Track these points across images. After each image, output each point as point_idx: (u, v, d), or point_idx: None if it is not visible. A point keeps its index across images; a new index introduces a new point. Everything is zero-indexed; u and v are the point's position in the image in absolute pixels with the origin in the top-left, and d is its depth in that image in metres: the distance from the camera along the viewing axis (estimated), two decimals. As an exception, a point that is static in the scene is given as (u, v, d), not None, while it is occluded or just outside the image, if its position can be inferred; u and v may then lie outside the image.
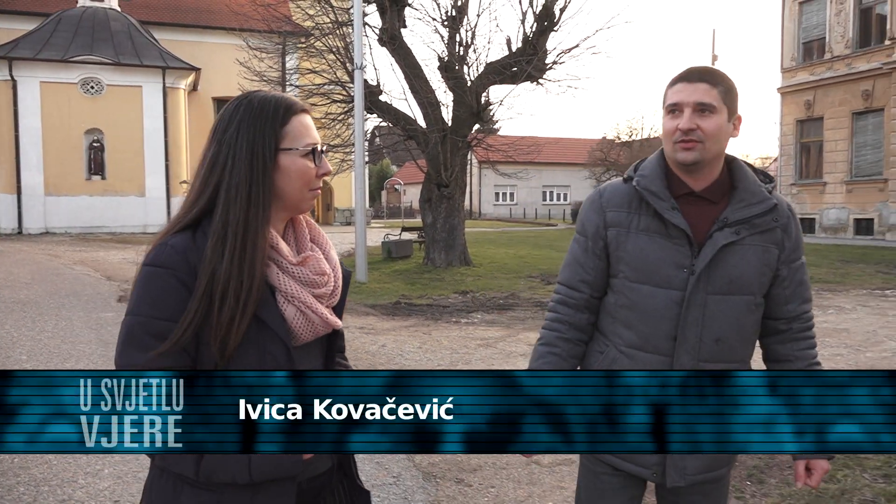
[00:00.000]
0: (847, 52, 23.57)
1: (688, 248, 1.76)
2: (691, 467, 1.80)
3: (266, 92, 1.48)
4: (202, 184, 1.42)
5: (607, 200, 1.87)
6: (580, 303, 1.89)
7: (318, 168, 1.45)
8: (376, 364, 6.72)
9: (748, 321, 1.83)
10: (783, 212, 1.82)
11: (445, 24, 15.58)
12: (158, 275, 1.34)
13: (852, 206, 23.57)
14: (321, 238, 1.56)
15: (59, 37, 26.07)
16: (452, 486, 3.86)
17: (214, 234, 1.36)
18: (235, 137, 1.40)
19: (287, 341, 1.38)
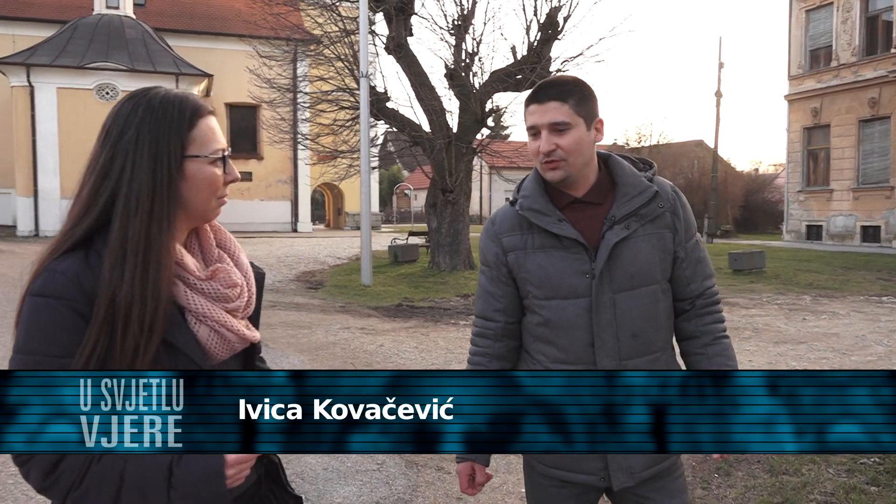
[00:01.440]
0: (854, 59, 23.66)
1: (585, 254, 1.78)
2: (637, 465, 1.80)
3: (167, 90, 1.36)
4: (91, 194, 1.28)
5: (499, 227, 1.89)
6: (497, 332, 1.89)
7: (226, 175, 1.36)
8: (373, 363, 6.99)
9: (659, 309, 1.85)
10: (667, 196, 1.85)
11: (451, 32, 15.88)
12: (49, 306, 1.21)
13: (859, 213, 23.61)
14: (228, 242, 1.46)
15: (75, 44, 26.63)
16: (433, 472, 4.13)
17: (112, 252, 1.23)
18: (135, 142, 1.27)
19: (201, 363, 1.31)
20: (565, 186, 1.82)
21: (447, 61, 15.76)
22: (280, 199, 32.56)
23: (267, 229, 31.05)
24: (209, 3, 32.71)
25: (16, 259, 16.81)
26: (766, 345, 8.03)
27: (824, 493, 4.06)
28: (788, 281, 14.16)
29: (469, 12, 15.75)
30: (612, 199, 1.82)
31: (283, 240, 25.42)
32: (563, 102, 1.76)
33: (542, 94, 1.78)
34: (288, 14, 16.97)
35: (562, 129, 1.76)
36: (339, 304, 11.22)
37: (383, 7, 15.68)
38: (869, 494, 4.02)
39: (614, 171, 1.85)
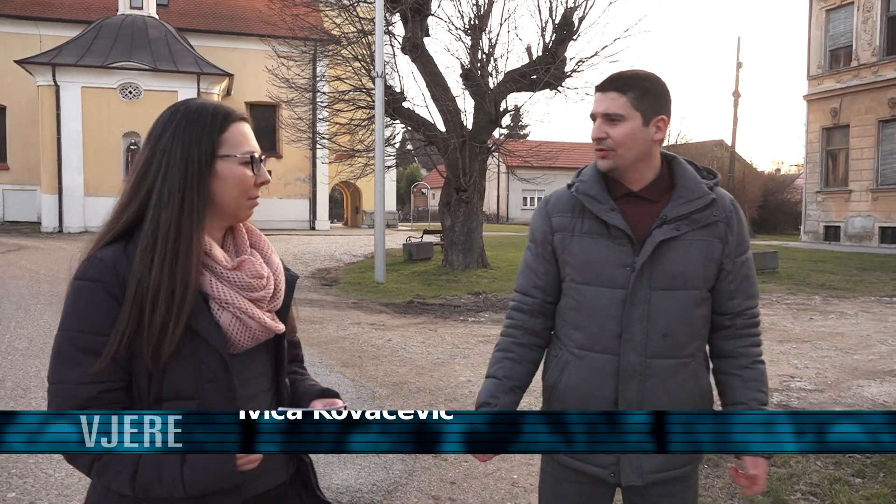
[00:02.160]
0: (874, 59, 23.47)
1: (629, 248, 1.79)
2: (647, 466, 1.81)
3: (204, 99, 1.48)
4: (133, 189, 1.41)
5: (552, 207, 1.92)
6: (533, 308, 1.92)
7: (255, 176, 1.45)
8: (380, 357, 7.20)
9: (695, 315, 1.84)
10: (724, 206, 1.85)
11: (468, 32, 16.03)
12: (87, 288, 1.33)
13: (878, 214, 23.43)
14: (262, 243, 1.55)
15: (99, 44, 27.12)
16: (430, 459, 4.31)
17: (144, 240, 1.34)
18: (171, 143, 1.39)
19: (221, 350, 1.36)
20: (621, 178, 1.86)
21: (463, 61, 15.92)
22: (298, 197, 32.91)
23: (285, 227, 31.41)
24: (231, 3, 33.13)
25: (39, 255, 17.24)
26: (770, 343, 8.11)
27: (809, 485, 4.18)
28: (801, 281, 14.16)
29: (485, 13, 15.89)
30: (668, 200, 1.84)
31: (300, 237, 25.74)
32: (622, 94, 1.80)
33: (606, 84, 1.84)
34: (307, 14, 17.21)
35: (614, 120, 1.80)
36: (352, 300, 11.44)
37: (400, 8, 15.87)
38: (853, 486, 4.13)
39: (675, 172, 1.88)
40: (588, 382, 1.82)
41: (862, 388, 6.21)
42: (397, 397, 5.70)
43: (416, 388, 6.01)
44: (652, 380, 1.80)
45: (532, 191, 48.99)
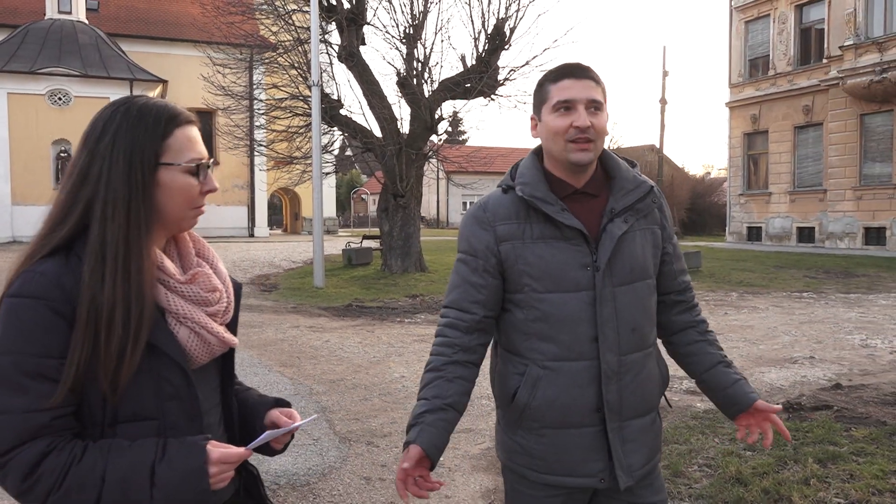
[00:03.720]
0: (789, 69, 24.86)
1: (585, 247, 1.73)
2: (636, 463, 1.78)
3: (147, 98, 1.35)
4: (70, 198, 1.29)
5: (493, 214, 1.78)
6: (471, 325, 1.79)
7: (201, 185, 1.35)
8: (318, 357, 7.47)
9: (650, 304, 1.84)
10: (657, 193, 1.85)
11: (403, 41, 16.39)
12: (28, 306, 1.20)
13: (795, 215, 24.79)
14: (207, 251, 1.48)
15: (26, 49, 26.45)
16: (363, 447, 4.64)
17: (91, 255, 1.24)
18: (111, 148, 1.28)
19: (184, 365, 1.29)
20: (574, 173, 1.78)
21: (399, 70, 16.27)
22: (236, 203, 32.67)
23: (224, 234, 31.14)
24: (164, 8, 32.69)
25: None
26: (686, 336, 8.69)
27: (706, 458, 4.65)
28: (721, 279, 14.99)
29: (420, 22, 16.29)
30: (608, 193, 1.80)
31: (239, 244, 25.61)
32: (598, 84, 1.75)
33: (578, 71, 1.75)
34: (242, 22, 17.28)
35: (598, 109, 1.73)
36: (291, 305, 11.63)
37: (335, 17, 16.12)
38: (743, 457, 4.63)
39: (609, 164, 1.83)
40: (567, 393, 1.74)
41: (763, 374, 6.79)
42: (333, 393, 6.00)
43: (351, 384, 6.32)
44: (627, 376, 1.76)
45: (471, 195, 49.57)
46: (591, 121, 1.70)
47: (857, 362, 7.30)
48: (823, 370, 6.94)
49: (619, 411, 1.76)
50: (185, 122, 1.34)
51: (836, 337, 8.63)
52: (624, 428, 1.77)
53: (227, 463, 1.25)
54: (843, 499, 3.92)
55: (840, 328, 9.23)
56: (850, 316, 10.24)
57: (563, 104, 1.72)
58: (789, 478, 4.18)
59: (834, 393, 6.11)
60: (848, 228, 22.57)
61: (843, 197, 22.74)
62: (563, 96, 1.72)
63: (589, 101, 1.71)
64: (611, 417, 1.74)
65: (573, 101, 1.71)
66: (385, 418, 5.29)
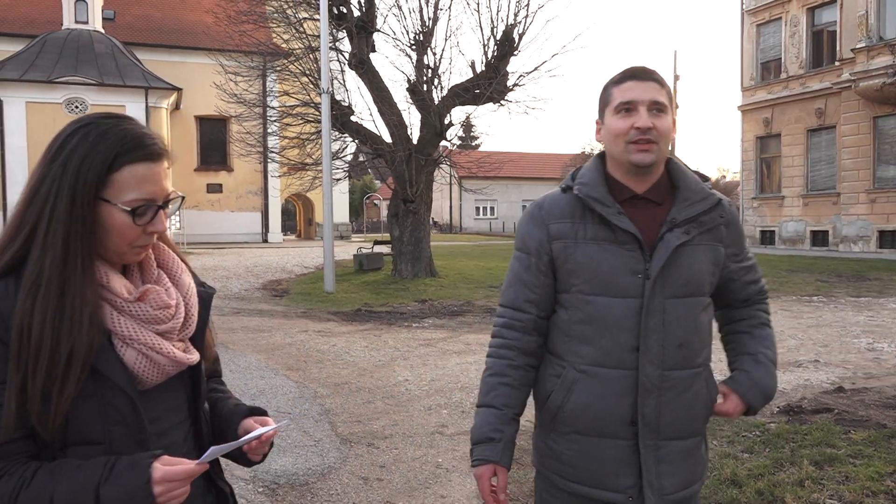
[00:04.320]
0: (801, 72, 24.77)
1: (639, 253, 1.69)
2: (669, 486, 1.72)
3: (114, 123, 1.27)
4: (18, 219, 1.26)
5: (548, 213, 1.78)
6: (528, 325, 1.77)
7: (142, 227, 1.27)
8: (324, 361, 7.57)
9: (704, 322, 1.78)
10: (727, 208, 1.80)
11: (413, 47, 16.53)
12: None
13: (809, 218, 24.66)
14: (170, 261, 1.41)
15: (44, 58, 26.89)
16: (363, 448, 4.72)
17: (27, 282, 1.20)
18: (60, 172, 1.23)
19: (128, 390, 1.24)
20: (636, 176, 1.75)
21: (409, 76, 16.41)
22: (250, 210, 32.96)
23: (238, 240, 31.43)
24: (179, 17, 33.12)
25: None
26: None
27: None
28: (731, 283, 14.94)
29: (430, 29, 16.42)
30: (672, 202, 1.75)
31: (253, 250, 25.83)
32: (662, 86, 1.74)
33: (641, 73, 1.74)
34: (254, 31, 17.50)
35: (660, 111, 1.71)
36: (300, 309, 11.76)
37: (345, 25, 16.29)
38: (739, 459, 4.66)
39: (675, 173, 1.80)
40: (602, 401, 1.70)
41: (766, 377, 6.81)
42: (337, 396, 6.10)
43: (356, 387, 6.41)
44: (669, 393, 1.71)
45: (484, 200, 49.74)
46: (653, 122, 1.69)
47: (862, 366, 7.29)
48: (827, 374, 6.95)
49: (657, 428, 1.70)
50: (139, 158, 1.25)
51: (842, 341, 8.62)
52: (661, 447, 1.71)
53: (175, 480, 1.19)
54: (837, 500, 3.95)
55: (847, 332, 9.21)
56: (858, 320, 10.21)
57: (625, 105, 1.71)
58: (784, 479, 4.21)
59: (836, 396, 6.13)
60: (862, 232, 22.42)
61: (857, 200, 22.60)
62: (625, 97, 1.71)
63: (651, 102, 1.70)
64: (645, 433, 1.70)
65: (635, 102, 1.70)
66: (387, 420, 5.38)
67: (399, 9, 16.69)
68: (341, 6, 16.28)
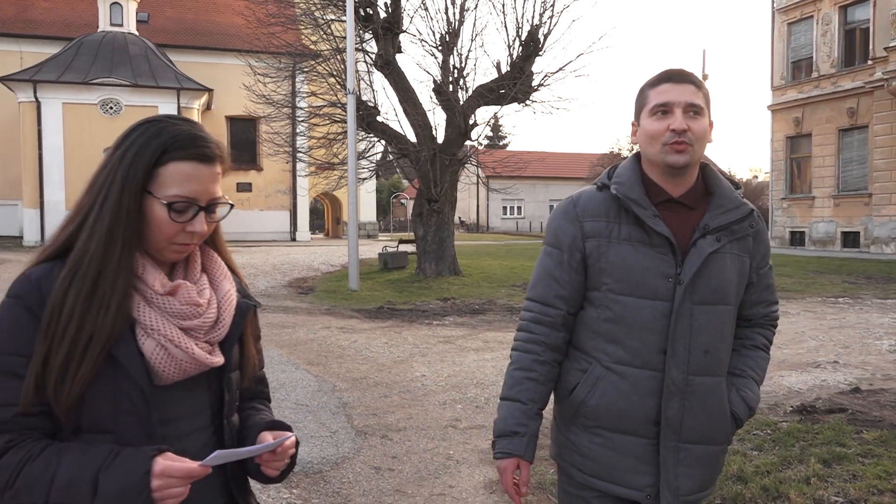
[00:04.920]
0: (833, 71, 24.42)
1: (671, 257, 1.70)
2: (684, 487, 1.74)
3: (176, 123, 1.33)
4: (77, 206, 1.33)
5: (583, 210, 1.78)
6: (556, 320, 1.78)
7: (182, 224, 1.30)
8: (344, 356, 7.75)
9: (729, 331, 1.79)
10: (757, 218, 1.79)
11: (439, 48, 16.67)
12: (9, 306, 1.25)
13: (840, 219, 24.30)
14: (214, 266, 1.43)
15: (80, 60, 27.56)
16: (377, 439, 4.88)
17: (68, 265, 1.26)
18: (118, 163, 1.29)
19: (141, 382, 1.25)
20: (672, 178, 1.75)
21: (435, 76, 16.56)
22: (279, 208, 33.40)
23: (266, 238, 31.86)
24: (210, 19, 33.68)
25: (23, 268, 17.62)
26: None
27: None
28: (757, 284, 14.83)
29: (455, 30, 16.55)
30: (705, 208, 1.76)
31: (280, 248, 26.20)
32: (699, 89, 1.73)
33: (677, 76, 1.74)
34: (283, 33, 17.78)
35: (696, 113, 1.70)
36: (325, 306, 11.97)
37: (372, 26, 16.49)
38: (748, 456, 4.71)
39: (711, 180, 1.80)
40: (627, 399, 1.72)
41: (782, 378, 6.82)
42: (355, 390, 6.26)
43: (374, 382, 6.57)
44: (692, 398, 1.72)
45: (511, 200, 49.74)
46: (688, 124, 1.69)
47: (881, 367, 7.26)
48: (845, 375, 6.94)
49: (679, 431, 1.72)
50: (186, 156, 1.29)
51: (864, 342, 8.56)
52: (682, 450, 1.73)
53: (174, 477, 1.18)
54: (843, 498, 3.98)
55: (870, 333, 9.14)
56: (882, 321, 10.11)
57: (661, 107, 1.71)
58: (791, 476, 4.25)
59: (852, 397, 6.12)
60: (894, 233, 22.04)
61: (889, 201, 22.23)
62: (660, 99, 1.71)
63: (687, 104, 1.69)
64: (667, 434, 1.72)
65: (670, 105, 1.70)
66: (402, 414, 5.53)
67: (425, 10, 16.87)
68: (368, 8, 16.49)
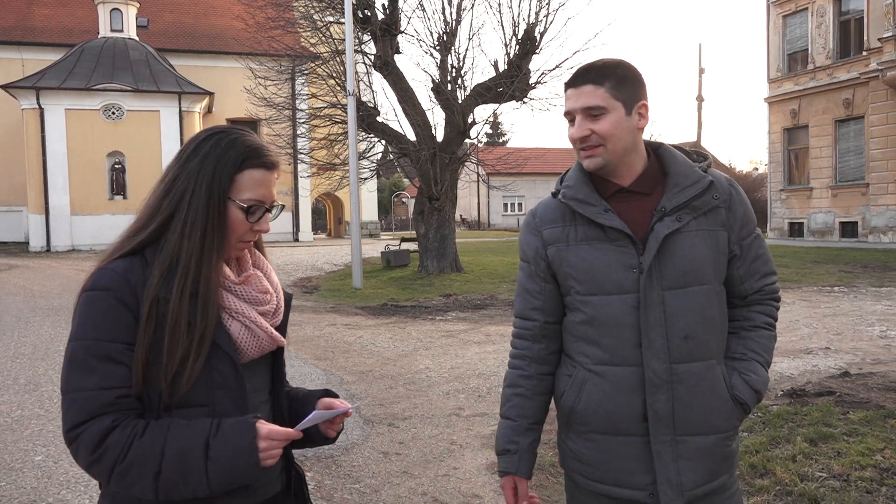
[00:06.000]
0: (828, 62, 24.58)
1: (632, 248, 1.68)
2: (688, 481, 1.68)
3: (241, 133, 1.47)
4: (155, 206, 1.43)
5: (540, 219, 1.80)
6: (535, 332, 1.80)
7: (252, 224, 1.45)
8: (350, 351, 7.99)
9: (714, 312, 1.73)
10: (722, 188, 1.73)
11: (437, 48, 16.89)
12: (99, 298, 1.34)
13: (837, 209, 24.48)
14: (262, 263, 1.59)
15: (82, 66, 27.82)
16: (384, 427, 5.12)
17: (164, 262, 1.37)
18: (198, 170, 1.41)
19: (234, 357, 1.39)
20: (609, 175, 1.75)
21: (433, 76, 16.78)
22: (281, 209, 33.61)
23: (269, 239, 32.05)
24: (209, 22, 33.93)
25: (30, 273, 17.88)
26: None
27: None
28: (754, 275, 15.04)
29: (453, 30, 16.76)
30: (662, 190, 1.73)
31: (284, 249, 26.47)
32: (599, 86, 1.69)
33: (579, 78, 1.72)
34: (282, 36, 18.00)
35: (596, 114, 1.68)
36: (329, 305, 12.22)
37: (370, 28, 16.71)
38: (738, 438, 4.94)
39: (665, 160, 1.77)
40: (612, 399, 1.70)
41: (775, 364, 7.04)
42: (362, 382, 6.51)
43: (379, 375, 6.81)
44: (680, 387, 1.67)
45: (512, 197, 49.92)
46: (590, 127, 1.68)
47: (871, 352, 7.48)
48: (836, 360, 7.16)
49: (671, 423, 1.67)
50: (257, 165, 1.44)
51: (856, 329, 8.79)
52: (679, 443, 1.68)
53: (275, 440, 1.34)
54: (826, 473, 4.19)
55: (863, 320, 9.37)
56: (875, 309, 10.34)
57: (567, 115, 1.74)
58: (778, 455, 4.45)
59: (840, 380, 6.34)
60: (891, 222, 22.23)
61: (886, 190, 22.41)
62: (566, 107, 1.74)
63: (584, 109, 1.69)
64: (658, 429, 1.67)
65: (572, 112, 1.72)
66: (407, 404, 5.77)
67: (423, 10, 17.10)
68: (366, 10, 16.70)
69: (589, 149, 1.70)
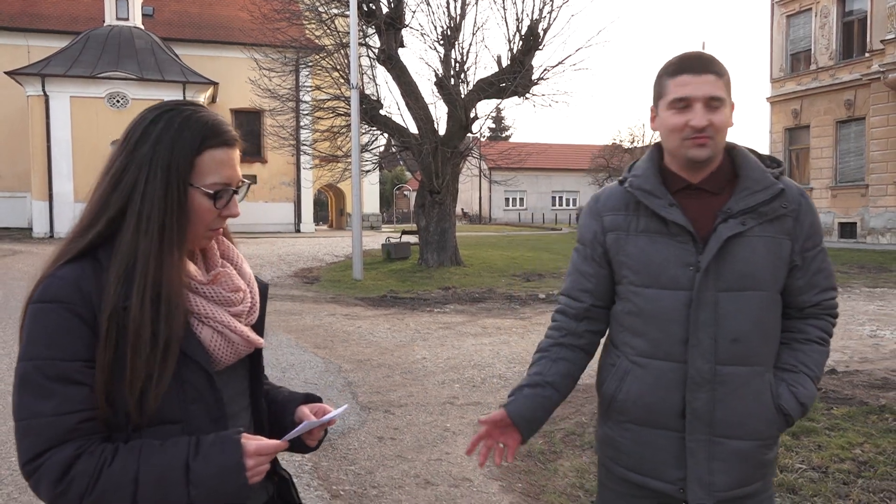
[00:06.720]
0: (831, 63, 24.68)
1: (692, 245, 1.66)
2: (719, 483, 1.67)
3: (193, 109, 1.31)
4: (102, 202, 1.26)
5: (603, 205, 1.80)
6: (579, 312, 1.82)
7: (220, 210, 1.31)
8: (349, 340, 8.16)
9: (768, 318, 1.70)
10: (792, 197, 1.70)
11: (441, 42, 17.00)
12: (50, 311, 1.18)
13: (837, 210, 24.62)
14: (231, 253, 1.44)
15: (87, 54, 27.94)
16: (380, 414, 5.28)
17: (119, 265, 1.21)
18: (150, 156, 1.25)
19: (207, 367, 1.27)
20: (692, 169, 1.72)
21: (437, 70, 16.89)
22: (283, 200, 33.80)
23: (271, 230, 32.27)
24: (215, 12, 34.02)
25: (34, 259, 18.08)
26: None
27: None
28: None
29: (457, 25, 16.87)
30: (731, 192, 1.70)
31: (285, 239, 26.62)
32: (720, 77, 1.67)
33: (698, 65, 1.66)
34: (287, 28, 18.11)
35: (716, 105, 1.65)
36: (330, 295, 12.38)
37: (374, 21, 16.82)
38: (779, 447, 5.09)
39: (738, 161, 1.74)
40: (652, 392, 1.70)
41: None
42: (360, 371, 6.67)
43: (377, 364, 6.98)
44: (722, 389, 1.66)
45: (513, 191, 50.07)
46: (709, 118, 1.64)
47: (859, 351, 7.63)
48: (824, 357, 7.30)
49: (709, 423, 1.67)
50: (218, 144, 1.29)
51: (846, 328, 8.93)
52: (715, 443, 1.67)
53: (263, 455, 1.23)
54: (806, 465, 4.35)
55: (854, 320, 9.51)
56: (867, 309, 10.49)
57: (680, 101, 1.66)
58: (760, 446, 4.62)
59: (827, 378, 6.49)
60: (890, 223, 22.38)
61: (886, 192, 22.55)
62: (679, 93, 1.66)
63: (707, 98, 1.64)
64: (695, 426, 1.67)
65: (690, 99, 1.65)
66: (403, 392, 5.93)
67: (427, 5, 17.17)
68: (370, 3, 16.81)
69: (703, 139, 1.66)
